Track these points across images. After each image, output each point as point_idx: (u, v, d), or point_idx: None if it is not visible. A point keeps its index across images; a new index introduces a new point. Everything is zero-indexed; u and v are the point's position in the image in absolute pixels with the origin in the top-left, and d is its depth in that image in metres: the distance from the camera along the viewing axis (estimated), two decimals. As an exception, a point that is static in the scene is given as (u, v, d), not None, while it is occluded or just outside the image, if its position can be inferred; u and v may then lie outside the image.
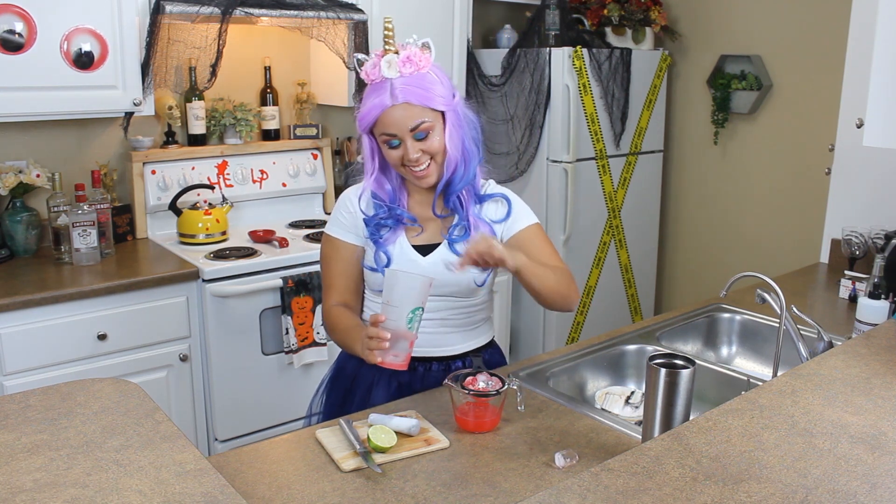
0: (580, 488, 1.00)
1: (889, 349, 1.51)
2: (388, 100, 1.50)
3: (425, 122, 1.52)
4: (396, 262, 1.61)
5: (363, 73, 1.54)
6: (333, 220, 1.69)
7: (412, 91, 1.50)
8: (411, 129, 1.51)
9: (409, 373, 1.65)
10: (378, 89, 1.51)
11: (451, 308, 1.66)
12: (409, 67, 1.50)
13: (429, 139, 1.54)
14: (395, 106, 1.50)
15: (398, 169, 1.59)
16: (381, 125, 1.52)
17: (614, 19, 3.61)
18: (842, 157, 2.64)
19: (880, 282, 1.96)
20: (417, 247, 1.64)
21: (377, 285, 1.63)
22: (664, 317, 2.14)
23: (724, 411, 1.23)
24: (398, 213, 1.63)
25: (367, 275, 1.66)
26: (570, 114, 3.38)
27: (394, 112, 1.50)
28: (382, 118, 1.51)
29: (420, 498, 1.22)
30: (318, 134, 3.31)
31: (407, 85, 1.50)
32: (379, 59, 1.51)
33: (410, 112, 1.51)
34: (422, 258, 1.63)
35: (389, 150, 1.55)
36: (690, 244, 4.04)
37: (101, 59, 2.50)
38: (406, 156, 1.53)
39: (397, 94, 1.49)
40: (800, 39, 3.42)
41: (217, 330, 2.57)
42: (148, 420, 1.24)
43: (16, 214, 2.61)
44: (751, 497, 0.98)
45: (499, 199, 1.68)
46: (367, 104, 1.53)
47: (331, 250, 1.69)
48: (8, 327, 2.23)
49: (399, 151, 1.54)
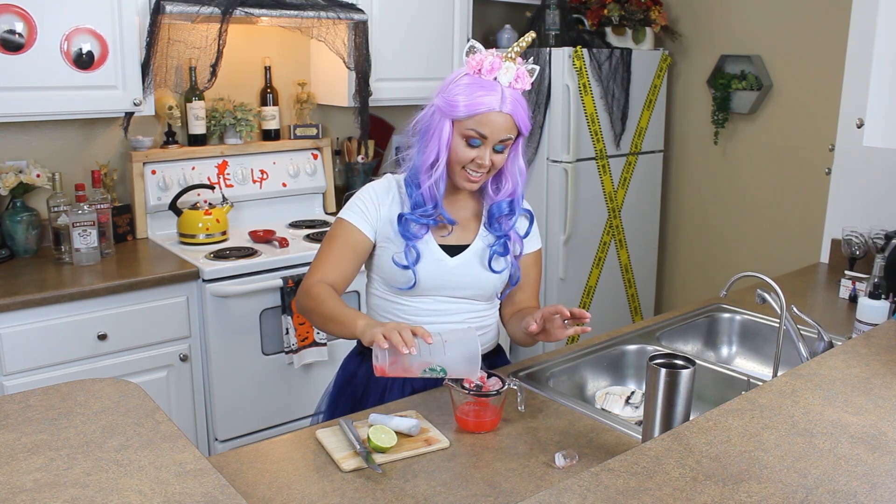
0: (580, 488, 1.00)
1: (889, 349, 1.51)
2: (499, 104, 1.51)
3: (511, 138, 1.55)
4: (423, 260, 1.60)
5: (476, 64, 1.52)
6: (354, 207, 1.65)
7: (519, 107, 1.53)
8: (500, 140, 1.53)
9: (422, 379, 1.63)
10: (487, 87, 1.51)
11: (471, 311, 1.67)
12: (520, 84, 1.54)
13: (503, 154, 1.56)
14: (501, 112, 1.51)
15: (454, 167, 1.57)
16: (478, 122, 1.51)
17: (614, 19, 3.61)
18: (842, 157, 2.64)
19: (880, 282, 1.96)
20: (445, 247, 1.63)
21: (399, 283, 1.61)
22: (664, 317, 2.14)
23: (724, 411, 1.23)
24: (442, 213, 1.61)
25: (390, 271, 1.62)
26: (571, 114, 3.37)
27: (498, 117, 1.51)
28: (485, 117, 1.51)
29: (420, 498, 1.22)
30: (319, 134, 3.31)
31: (516, 99, 1.53)
32: (500, 61, 1.52)
33: (509, 125, 1.53)
34: (449, 258, 1.62)
35: (465, 147, 1.54)
36: (690, 244, 4.04)
37: (101, 59, 2.50)
38: (480, 159, 1.54)
39: (507, 103, 1.51)
40: (800, 39, 3.41)
41: (217, 330, 2.57)
42: (148, 420, 1.24)
43: (16, 214, 2.61)
44: (751, 497, 0.98)
45: (525, 213, 1.72)
46: (474, 96, 1.51)
47: (341, 232, 1.64)
48: (8, 327, 2.23)
49: (475, 152, 1.54)
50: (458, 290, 1.64)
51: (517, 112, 1.53)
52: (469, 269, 1.63)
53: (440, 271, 1.61)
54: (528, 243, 1.72)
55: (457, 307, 1.65)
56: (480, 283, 1.64)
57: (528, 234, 1.71)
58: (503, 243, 1.65)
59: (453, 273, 1.62)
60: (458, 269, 1.62)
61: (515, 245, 1.68)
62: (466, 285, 1.63)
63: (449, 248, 1.63)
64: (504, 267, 1.66)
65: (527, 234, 1.71)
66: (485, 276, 1.64)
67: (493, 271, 1.64)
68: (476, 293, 1.66)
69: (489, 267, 1.64)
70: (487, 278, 1.65)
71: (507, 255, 1.66)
